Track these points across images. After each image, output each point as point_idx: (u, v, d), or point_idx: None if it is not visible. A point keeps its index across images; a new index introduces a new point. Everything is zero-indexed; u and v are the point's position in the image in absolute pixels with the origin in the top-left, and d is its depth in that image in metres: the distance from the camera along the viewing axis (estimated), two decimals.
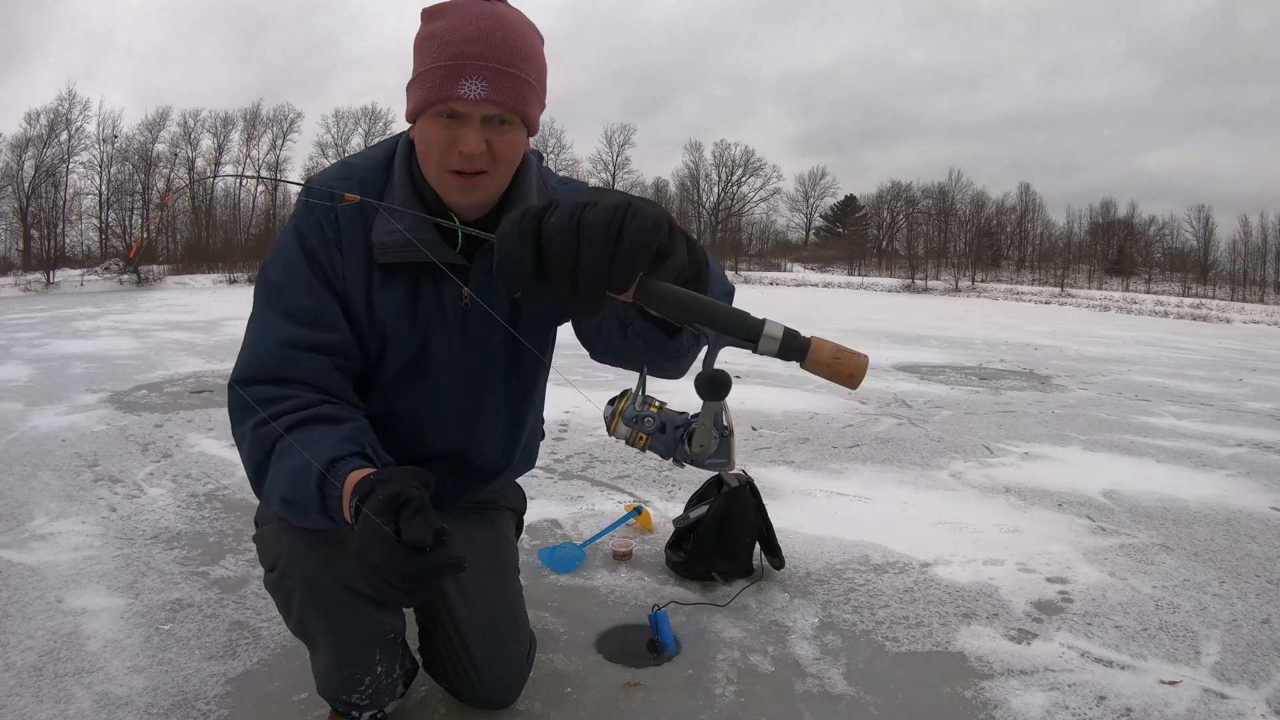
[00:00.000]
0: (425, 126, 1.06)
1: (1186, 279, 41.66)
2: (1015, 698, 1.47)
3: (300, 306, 1.10)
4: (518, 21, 1.06)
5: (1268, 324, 24.16)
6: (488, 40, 1.02)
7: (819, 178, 53.22)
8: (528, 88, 1.05)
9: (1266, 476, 3.26)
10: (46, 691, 1.40)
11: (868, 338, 9.62)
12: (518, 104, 1.05)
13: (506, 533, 1.48)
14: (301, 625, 1.16)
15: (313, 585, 1.10)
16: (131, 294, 19.03)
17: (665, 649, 1.60)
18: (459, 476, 1.32)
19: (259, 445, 1.01)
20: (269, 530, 1.16)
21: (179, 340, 7.52)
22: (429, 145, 1.06)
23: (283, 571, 1.12)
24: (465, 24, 1.03)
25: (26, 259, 26.60)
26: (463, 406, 1.25)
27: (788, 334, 0.74)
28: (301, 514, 0.98)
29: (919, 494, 2.83)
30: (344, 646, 1.17)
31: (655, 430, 0.92)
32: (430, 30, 1.05)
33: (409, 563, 0.77)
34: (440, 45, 1.03)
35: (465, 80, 1.01)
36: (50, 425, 3.58)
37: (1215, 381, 6.70)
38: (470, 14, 1.03)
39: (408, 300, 1.15)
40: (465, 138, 1.03)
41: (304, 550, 1.09)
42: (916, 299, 28.60)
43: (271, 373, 1.06)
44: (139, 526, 2.27)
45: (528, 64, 1.05)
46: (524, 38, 1.06)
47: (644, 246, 0.68)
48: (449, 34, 1.03)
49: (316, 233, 1.12)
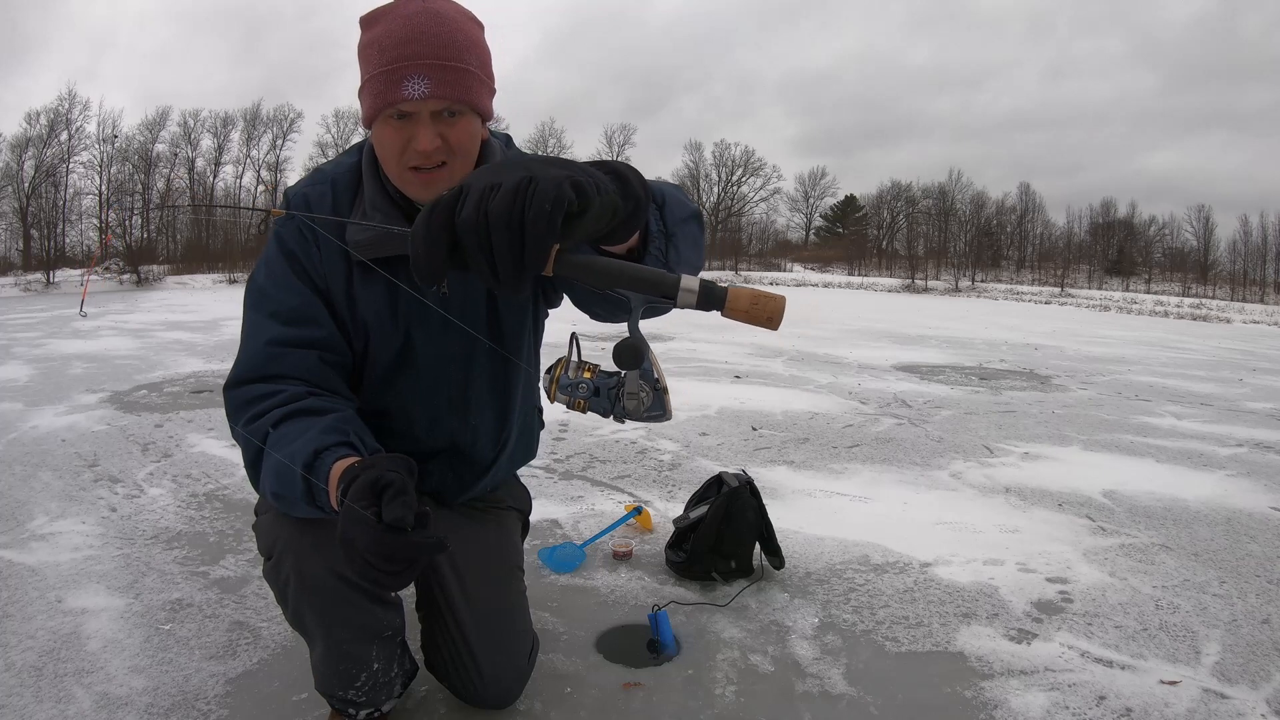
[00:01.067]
0: (380, 131, 1.09)
1: (1186, 279, 41.64)
2: (1015, 698, 1.48)
3: (284, 306, 1.15)
4: (453, 14, 1.08)
5: (1268, 324, 24.14)
6: (424, 39, 1.04)
7: (819, 178, 53.21)
8: (470, 77, 1.07)
9: (1266, 476, 3.26)
10: (46, 691, 1.40)
11: (868, 338, 9.62)
12: (463, 95, 1.06)
13: (512, 533, 1.49)
14: (297, 615, 1.18)
15: (305, 574, 1.12)
16: (131, 294, 19.02)
17: (665, 649, 1.60)
18: (458, 470, 1.34)
19: (250, 444, 1.06)
20: (266, 519, 1.19)
21: (179, 340, 7.51)
22: (385, 149, 1.09)
23: (278, 560, 1.14)
24: (400, 26, 1.05)
25: (26, 259, 26.58)
26: (451, 396, 1.28)
27: (704, 285, 0.77)
28: (291, 506, 1.02)
29: (919, 494, 2.83)
30: (339, 640, 1.18)
31: (590, 395, 0.97)
32: (369, 37, 1.08)
33: (390, 544, 0.78)
34: (380, 51, 1.05)
35: (408, 81, 1.03)
36: (50, 425, 3.59)
37: (1215, 381, 6.70)
38: (404, 15, 1.05)
39: (387, 295, 1.19)
40: (418, 135, 1.06)
41: (295, 539, 1.12)
42: (916, 299, 28.59)
43: (260, 371, 1.11)
44: (139, 526, 2.27)
45: (467, 54, 1.07)
46: (460, 29, 1.07)
47: (547, 223, 0.68)
48: (386, 38, 1.05)
49: (295, 236, 1.17)
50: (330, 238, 1.16)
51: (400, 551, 0.79)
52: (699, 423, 3.93)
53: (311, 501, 0.97)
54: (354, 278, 1.18)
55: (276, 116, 37.88)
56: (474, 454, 1.35)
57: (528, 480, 1.52)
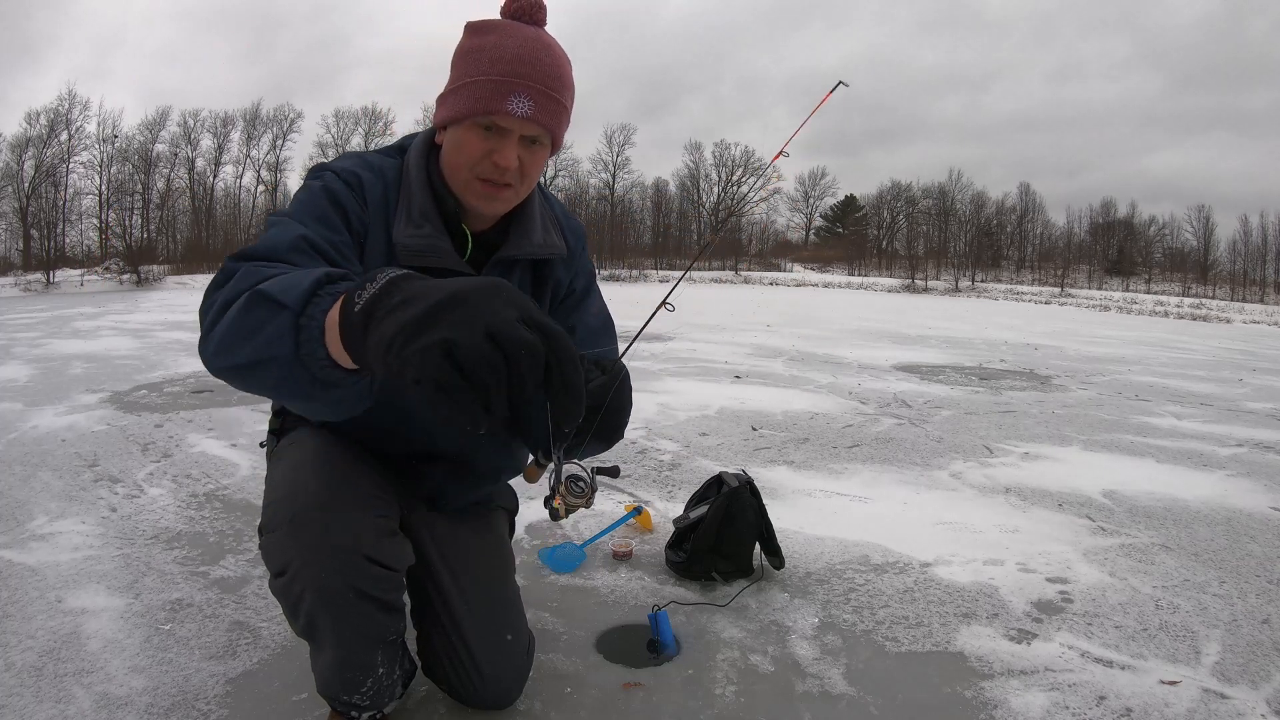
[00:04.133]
0: (462, 135, 1.10)
1: (1186, 279, 41.67)
2: (1015, 698, 1.47)
3: (317, 235, 1.01)
4: (559, 50, 1.13)
5: (1268, 324, 24.16)
6: (536, 62, 1.08)
7: (819, 178, 53.26)
8: (565, 113, 1.13)
9: (1266, 476, 3.26)
10: (46, 691, 1.40)
11: (868, 338, 9.62)
12: (555, 126, 1.12)
13: (503, 533, 1.50)
14: (309, 628, 1.15)
15: (323, 588, 1.09)
16: (131, 294, 19.03)
17: (665, 649, 1.60)
18: (459, 476, 1.36)
19: (222, 307, 0.81)
20: (274, 538, 1.14)
21: (179, 340, 7.51)
22: (461, 153, 1.11)
23: (293, 576, 1.10)
24: (515, 43, 1.08)
25: (26, 259, 26.60)
26: None
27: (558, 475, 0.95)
28: (268, 371, 0.75)
29: (919, 494, 2.83)
30: (350, 649, 1.17)
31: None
32: (478, 44, 1.10)
33: (521, 304, 0.65)
34: (490, 60, 1.07)
35: (514, 97, 1.07)
36: (50, 425, 3.59)
37: (1215, 381, 6.70)
38: (520, 35, 1.09)
39: None
40: (503, 151, 1.09)
41: (313, 554, 1.09)
42: (916, 299, 28.60)
43: (278, 256, 0.93)
44: (139, 526, 2.27)
45: (566, 90, 1.12)
46: (564, 65, 1.13)
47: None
48: (498, 50, 1.08)
49: (341, 186, 1.12)
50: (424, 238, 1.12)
51: (513, 336, 0.62)
52: (699, 423, 3.93)
53: (298, 356, 0.72)
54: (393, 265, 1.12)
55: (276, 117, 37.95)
56: (479, 466, 1.37)
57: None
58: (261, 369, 0.75)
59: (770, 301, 20.28)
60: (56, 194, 29.59)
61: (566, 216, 1.36)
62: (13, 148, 28.27)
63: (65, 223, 29.95)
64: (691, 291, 26.05)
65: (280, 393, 0.79)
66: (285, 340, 0.72)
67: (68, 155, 29.84)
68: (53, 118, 29.28)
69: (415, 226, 1.14)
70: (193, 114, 35.05)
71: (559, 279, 1.31)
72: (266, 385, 0.78)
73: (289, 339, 0.72)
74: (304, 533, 1.07)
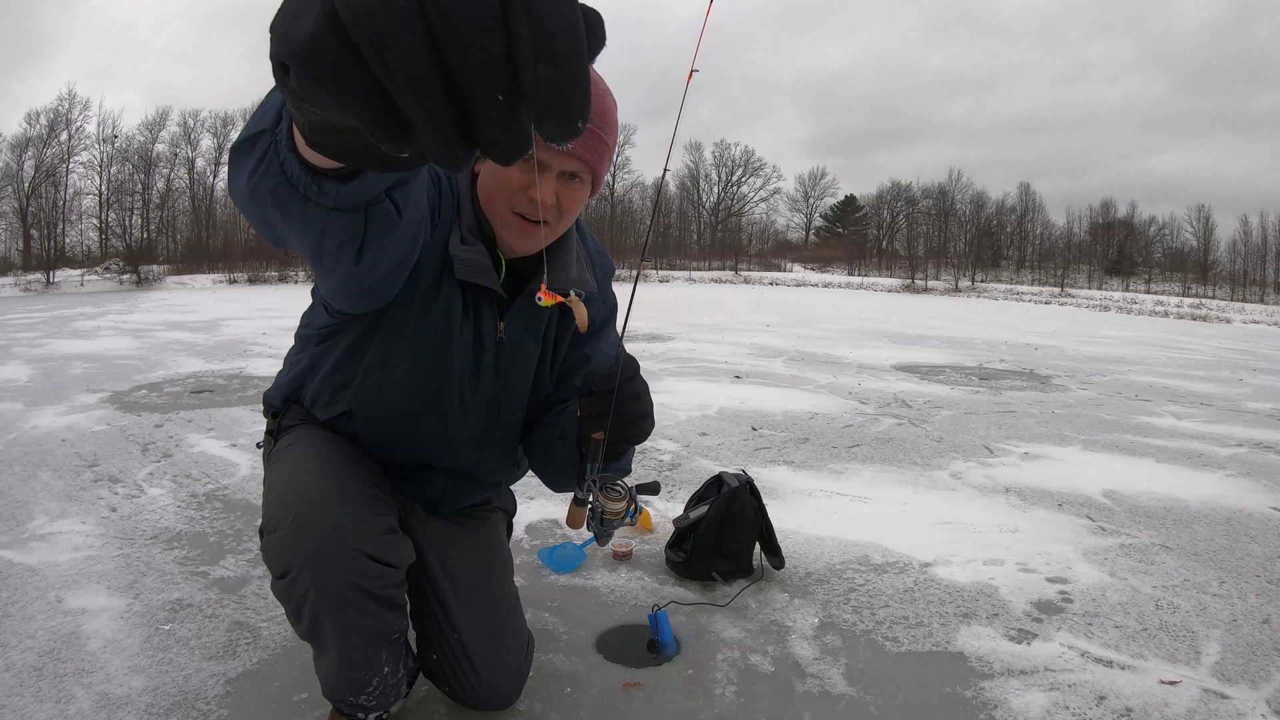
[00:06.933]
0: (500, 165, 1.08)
1: (1186, 279, 41.64)
2: (1015, 698, 1.47)
3: (428, 184, 1.00)
4: (605, 87, 1.11)
5: (1268, 324, 24.16)
6: None
7: (819, 177, 53.28)
8: (608, 151, 1.11)
9: (1266, 476, 3.26)
10: (46, 691, 1.40)
11: (868, 338, 9.62)
12: (598, 163, 1.10)
13: (500, 535, 1.51)
14: (313, 629, 1.14)
15: (326, 588, 1.09)
16: (131, 294, 19.03)
17: (665, 649, 1.60)
18: (463, 485, 1.37)
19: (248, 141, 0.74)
20: (275, 540, 1.14)
21: (179, 340, 7.51)
22: (500, 184, 1.10)
23: (294, 577, 1.10)
24: None
25: (26, 259, 26.58)
26: (476, 432, 1.29)
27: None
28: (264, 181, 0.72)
29: (919, 494, 2.83)
30: (353, 649, 1.17)
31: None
32: None
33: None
34: None
35: None
36: (50, 425, 3.58)
37: (1215, 381, 6.70)
38: None
39: (458, 308, 1.18)
40: (542, 185, 1.07)
41: (315, 554, 1.08)
42: (916, 299, 28.59)
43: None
44: (139, 526, 2.27)
45: (610, 129, 1.10)
46: (609, 102, 1.10)
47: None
48: None
49: (441, 177, 1.13)
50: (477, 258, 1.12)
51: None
52: (699, 423, 3.93)
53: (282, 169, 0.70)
54: (445, 270, 1.15)
55: None
56: (483, 477, 1.38)
57: (528, 480, 1.52)
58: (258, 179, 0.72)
59: (770, 301, 20.28)
60: (56, 194, 29.58)
61: (599, 252, 1.37)
62: (13, 148, 28.27)
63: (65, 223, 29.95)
64: (692, 291, 26.05)
65: (277, 203, 0.73)
66: (270, 156, 0.70)
67: (68, 155, 29.83)
68: (53, 118, 29.28)
69: (468, 245, 1.14)
70: (193, 114, 35.05)
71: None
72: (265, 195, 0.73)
73: (271, 154, 0.70)
74: (305, 533, 1.07)
